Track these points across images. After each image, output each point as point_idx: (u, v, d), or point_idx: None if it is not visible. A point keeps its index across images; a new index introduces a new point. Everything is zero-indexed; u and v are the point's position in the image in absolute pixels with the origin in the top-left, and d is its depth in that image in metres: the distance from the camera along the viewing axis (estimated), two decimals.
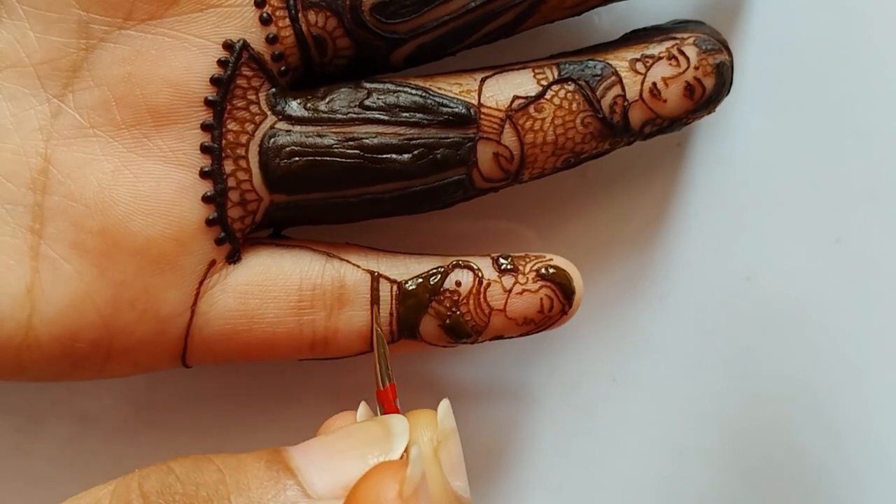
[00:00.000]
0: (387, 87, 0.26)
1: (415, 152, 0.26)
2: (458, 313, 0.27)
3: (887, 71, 0.30)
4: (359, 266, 0.27)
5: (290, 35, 0.26)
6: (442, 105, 0.26)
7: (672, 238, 0.31)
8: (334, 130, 0.26)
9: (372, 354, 0.26)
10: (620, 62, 0.27)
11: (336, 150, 0.26)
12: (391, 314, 0.26)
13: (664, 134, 0.27)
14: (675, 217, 0.31)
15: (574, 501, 0.31)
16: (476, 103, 0.26)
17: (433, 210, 0.27)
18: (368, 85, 0.26)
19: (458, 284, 0.27)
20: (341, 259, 0.27)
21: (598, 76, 0.26)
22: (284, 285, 0.26)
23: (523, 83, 0.26)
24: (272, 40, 0.26)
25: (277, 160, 0.26)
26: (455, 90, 0.26)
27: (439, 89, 0.26)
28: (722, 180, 0.30)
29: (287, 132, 0.26)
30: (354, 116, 0.26)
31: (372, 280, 0.26)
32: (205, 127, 0.25)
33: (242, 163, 0.26)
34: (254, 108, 0.26)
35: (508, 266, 0.27)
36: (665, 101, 0.27)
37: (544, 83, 0.26)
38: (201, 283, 0.26)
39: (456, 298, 0.27)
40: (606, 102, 0.26)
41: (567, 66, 0.27)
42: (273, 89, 0.26)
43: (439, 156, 0.26)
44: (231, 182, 0.26)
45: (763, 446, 0.30)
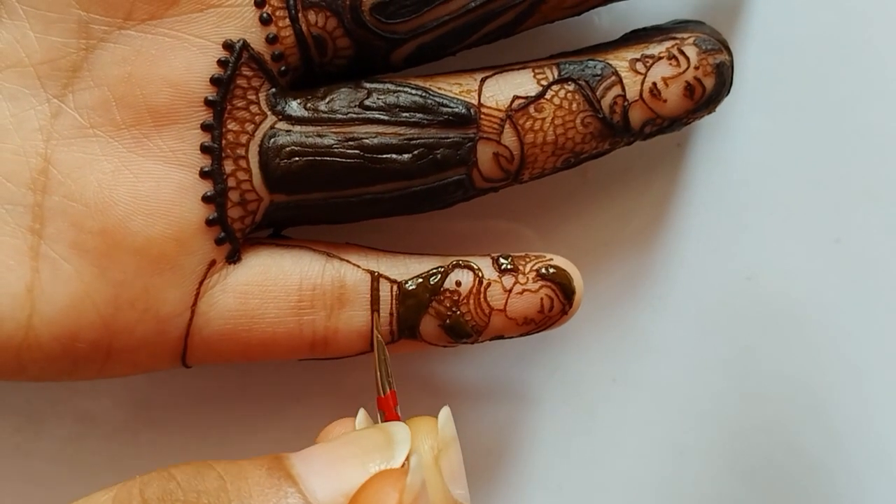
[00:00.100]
0: (387, 87, 0.26)
1: (415, 152, 0.26)
2: (459, 313, 0.26)
3: (887, 71, 0.30)
4: (359, 266, 0.27)
5: (290, 35, 0.26)
6: (442, 105, 0.26)
7: (672, 238, 0.31)
8: (334, 130, 0.26)
9: (373, 361, 0.26)
10: (620, 62, 0.27)
11: (336, 150, 0.26)
12: (391, 314, 0.26)
13: (664, 134, 0.27)
14: (675, 217, 0.31)
15: (574, 501, 0.31)
16: (476, 103, 0.26)
17: (433, 210, 0.27)
18: (368, 85, 0.26)
19: (459, 284, 0.27)
20: (341, 259, 0.27)
21: (599, 76, 0.26)
22: (284, 285, 0.26)
23: (523, 83, 0.26)
24: (272, 40, 0.26)
25: (277, 160, 0.26)
26: (455, 90, 0.26)
27: (439, 89, 0.26)
28: (722, 180, 0.30)
29: (287, 132, 0.26)
30: (354, 116, 0.26)
31: (372, 280, 0.26)
32: (205, 127, 0.25)
33: (242, 163, 0.26)
34: (254, 108, 0.26)
35: (508, 266, 0.27)
36: (665, 101, 0.27)
37: (544, 83, 0.26)
38: (201, 283, 0.26)
39: (456, 298, 0.26)
40: (606, 102, 0.26)
41: (567, 66, 0.27)
42: (273, 89, 0.26)
43: (439, 156, 0.26)
44: (231, 182, 0.26)
45: (763, 446, 0.30)
